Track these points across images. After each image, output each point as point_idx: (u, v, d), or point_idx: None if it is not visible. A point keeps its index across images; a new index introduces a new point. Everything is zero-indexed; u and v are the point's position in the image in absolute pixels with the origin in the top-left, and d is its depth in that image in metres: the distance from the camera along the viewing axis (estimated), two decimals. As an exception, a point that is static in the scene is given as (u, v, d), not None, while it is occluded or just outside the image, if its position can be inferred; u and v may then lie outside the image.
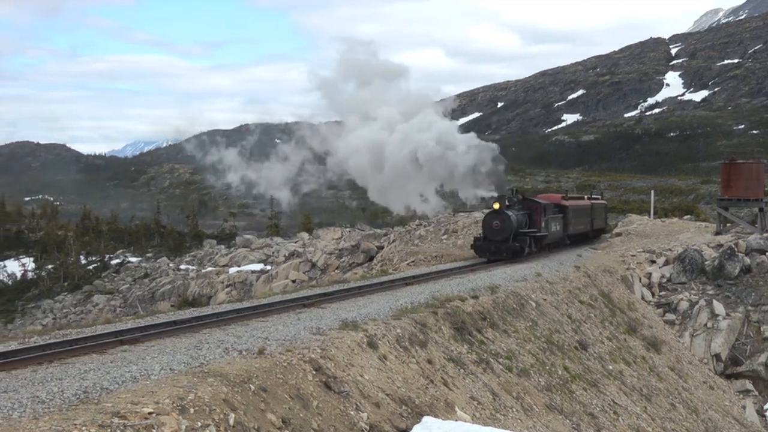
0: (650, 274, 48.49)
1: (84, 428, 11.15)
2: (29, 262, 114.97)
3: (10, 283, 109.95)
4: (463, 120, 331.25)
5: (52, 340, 19.54)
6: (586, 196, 67.23)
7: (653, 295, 47.12)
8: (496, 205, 42.34)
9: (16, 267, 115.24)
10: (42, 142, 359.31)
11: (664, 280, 48.03)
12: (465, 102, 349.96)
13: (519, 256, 42.67)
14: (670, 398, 33.74)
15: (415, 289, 30.34)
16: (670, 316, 44.39)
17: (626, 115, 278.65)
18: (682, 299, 45.24)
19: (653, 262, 50.06)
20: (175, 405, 12.70)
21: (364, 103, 50.28)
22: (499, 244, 42.07)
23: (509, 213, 42.35)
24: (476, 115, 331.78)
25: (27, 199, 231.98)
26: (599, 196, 71.04)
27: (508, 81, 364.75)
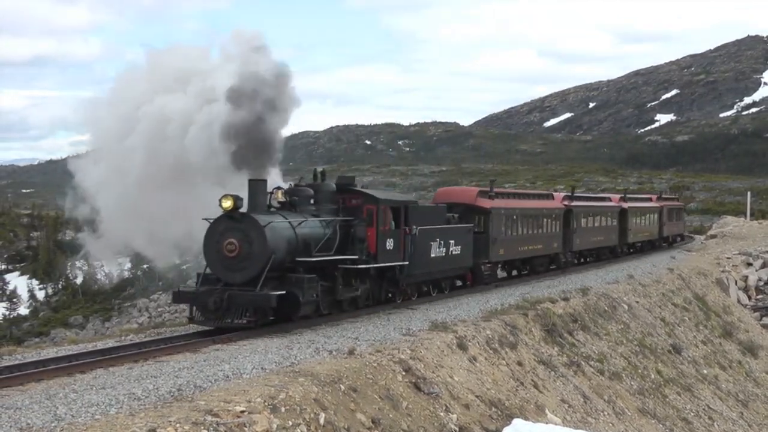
0: (746, 277, 47.53)
1: (178, 425, 11.36)
2: (125, 262, 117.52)
3: (107, 282, 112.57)
4: (553, 120, 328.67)
5: (147, 339, 19.98)
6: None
7: (750, 298, 46.21)
8: (228, 203, 20.34)
9: (113, 266, 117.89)
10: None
11: (762, 283, 47.02)
12: (556, 102, 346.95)
13: (292, 317, 21.07)
14: (768, 404, 33.04)
15: (505, 291, 30.23)
16: (768, 321, 43.48)
17: (722, 115, 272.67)
18: (780, 303, 44.28)
19: (750, 264, 49.02)
20: (266, 404, 12.85)
21: None
22: (235, 293, 20.07)
23: (261, 220, 20.64)
24: (567, 115, 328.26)
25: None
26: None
27: (600, 81, 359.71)
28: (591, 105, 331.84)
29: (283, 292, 20.22)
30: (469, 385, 18.58)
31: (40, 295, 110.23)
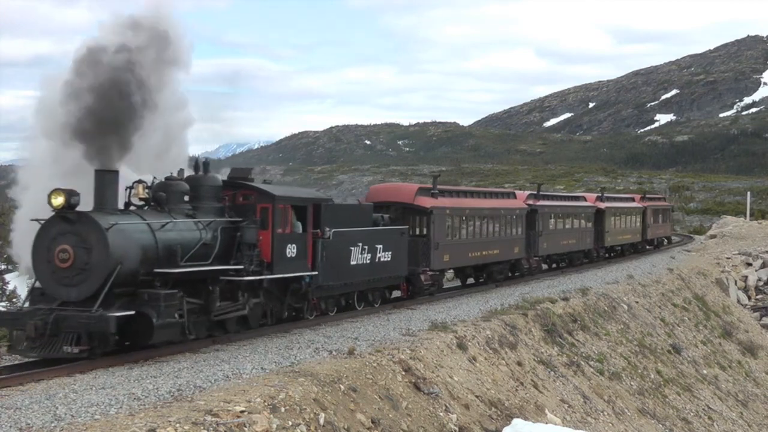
0: (746, 277, 47.53)
1: (178, 425, 11.35)
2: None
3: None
4: (553, 120, 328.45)
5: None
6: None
7: (749, 298, 46.22)
8: (58, 200, 16.29)
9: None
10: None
11: (761, 283, 47.03)
12: (556, 102, 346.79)
13: (148, 344, 16.85)
14: (768, 404, 33.05)
15: (504, 291, 30.23)
16: (768, 321, 43.49)
17: (721, 115, 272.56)
18: (780, 303, 44.30)
19: (749, 264, 49.03)
20: (266, 404, 12.85)
21: None
22: (63, 315, 15.99)
23: (102, 221, 16.46)
24: (567, 115, 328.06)
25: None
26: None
27: (599, 81, 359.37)
28: (591, 105, 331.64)
29: (131, 312, 16.20)
30: (469, 385, 18.58)
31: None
